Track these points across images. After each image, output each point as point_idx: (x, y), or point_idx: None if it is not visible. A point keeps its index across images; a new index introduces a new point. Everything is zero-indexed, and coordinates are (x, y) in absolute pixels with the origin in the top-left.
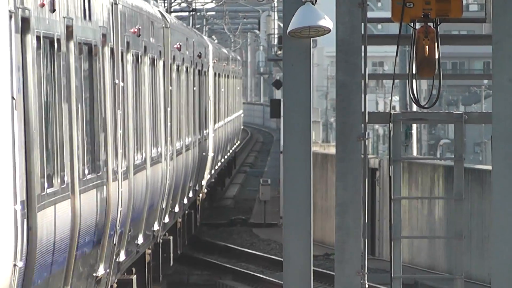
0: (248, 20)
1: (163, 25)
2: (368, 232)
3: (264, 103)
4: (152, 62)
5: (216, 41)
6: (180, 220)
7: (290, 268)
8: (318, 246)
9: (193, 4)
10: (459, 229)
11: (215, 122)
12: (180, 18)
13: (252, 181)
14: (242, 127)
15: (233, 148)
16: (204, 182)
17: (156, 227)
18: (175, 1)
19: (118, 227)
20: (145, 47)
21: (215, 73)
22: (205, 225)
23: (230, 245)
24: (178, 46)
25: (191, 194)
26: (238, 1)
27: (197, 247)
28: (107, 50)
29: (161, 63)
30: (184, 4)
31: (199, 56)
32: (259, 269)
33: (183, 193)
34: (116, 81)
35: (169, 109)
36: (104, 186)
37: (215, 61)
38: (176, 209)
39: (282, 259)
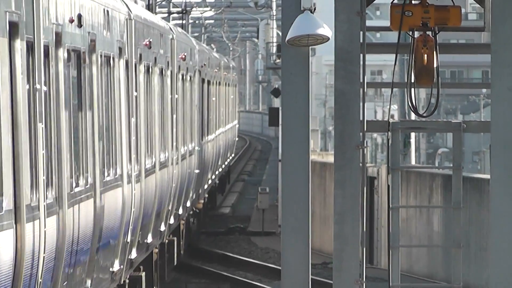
0: (246, 29)
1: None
2: (367, 240)
3: (263, 112)
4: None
5: (215, 49)
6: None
7: (288, 277)
8: (316, 255)
9: (186, 8)
10: (458, 238)
11: (202, 135)
12: (180, 26)
13: (250, 190)
14: (236, 138)
15: (225, 163)
16: (187, 205)
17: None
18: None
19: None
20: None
21: (203, 80)
22: (203, 233)
23: (228, 254)
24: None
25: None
26: (237, 10)
27: (195, 255)
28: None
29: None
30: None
31: (183, 59)
32: (257, 278)
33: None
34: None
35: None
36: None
37: (203, 65)
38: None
39: (280, 268)
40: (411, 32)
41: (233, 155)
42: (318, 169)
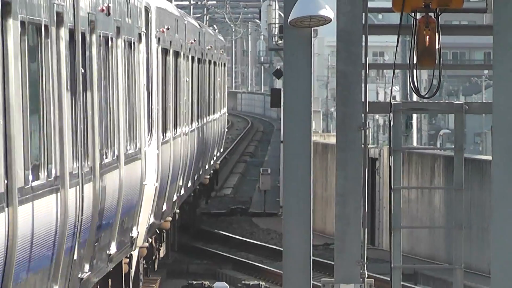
0: (249, 10)
1: None
2: (368, 222)
3: (265, 93)
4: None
5: (217, 30)
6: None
7: (290, 258)
8: (318, 236)
9: None
10: (459, 219)
11: (165, 130)
12: (181, 7)
13: (252, 171)
14: (226, 130)
15: (211, 162)
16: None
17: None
18: None
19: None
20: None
21: (165, 50)
22: (205, 215)
23: (229, 235)
24: None
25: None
26: None
27: (197, 237)
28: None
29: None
30: None
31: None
32: (258, 259)
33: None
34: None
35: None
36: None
37: (165, 29)
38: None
39: (282, 249)
40: (413, 13)
41: (221, 150)
42: (320, 150)
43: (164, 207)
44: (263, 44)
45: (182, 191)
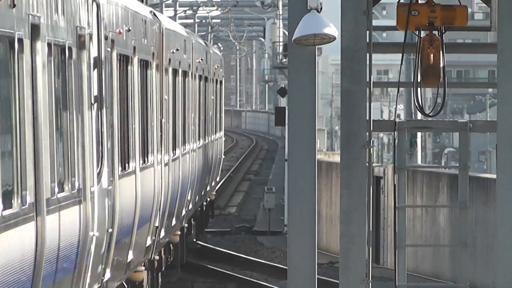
0: (253, 28)
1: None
2: (373, 240)
3: (269, 111)
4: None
5: (221, 48)
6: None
7: (295, 276)
8: (322, 254)
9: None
10: (464, 237)
11: (123, 162)
12: (185, 25)
13: (257, 189)
14: (223, 156)
15: (203, 192)
16: None
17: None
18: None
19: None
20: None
21: (145, 63)
22: (209, 233)
23: (234, 253)
24: None
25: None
26: (244, 9)
27: (202, 255)
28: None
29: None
30: (189, 12)
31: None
32: (263, 277)
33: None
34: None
35: None
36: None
37: (144, 40)
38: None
39: (286, 267)
40: (417, 31)
41: (218, 178)
42: (324, 169)
43: (131, 256)
44: (268, 62)
45: (162, 235)
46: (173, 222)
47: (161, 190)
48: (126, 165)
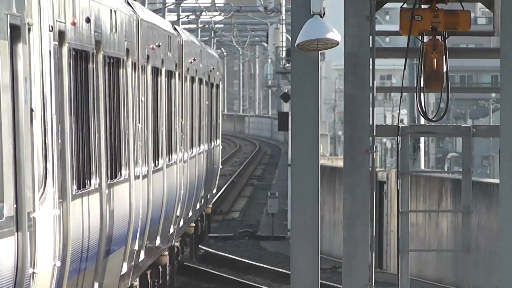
0: (256, 33)
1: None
2: (376, 245)
3: (272, 116)
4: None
5: (225, 53)
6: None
7: (298, 281)
8: (325, 259)
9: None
10: (467, 242)
11: (82, 179)
12: (189, 30)
13: (260, 194)
14: (220, 166)
15: (198, 206)
16: None
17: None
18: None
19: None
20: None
21: (109, 61)
22: (213, 238)
23: (237, 258)
24: None
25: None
26: (246, 14)
27: (205, 260)
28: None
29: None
30: (192, 17)
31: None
32: (266, 282)
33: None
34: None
35: None
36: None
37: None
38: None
39: (289, 272)
40: (420, 36)
41: (214, 191)
42: (327, 174)
43: None
44: (271, 67)
45: (142, 258)
46: (157, 242)
47: (139, 208)
48: (87, 182)
